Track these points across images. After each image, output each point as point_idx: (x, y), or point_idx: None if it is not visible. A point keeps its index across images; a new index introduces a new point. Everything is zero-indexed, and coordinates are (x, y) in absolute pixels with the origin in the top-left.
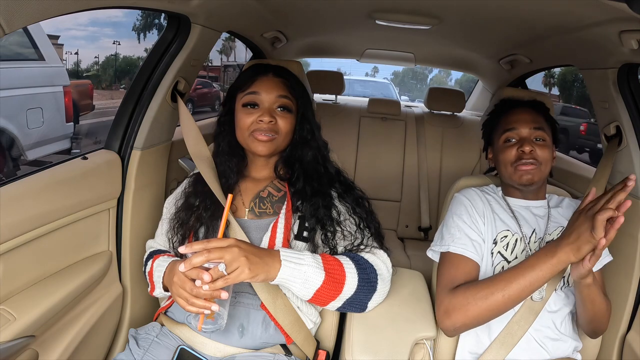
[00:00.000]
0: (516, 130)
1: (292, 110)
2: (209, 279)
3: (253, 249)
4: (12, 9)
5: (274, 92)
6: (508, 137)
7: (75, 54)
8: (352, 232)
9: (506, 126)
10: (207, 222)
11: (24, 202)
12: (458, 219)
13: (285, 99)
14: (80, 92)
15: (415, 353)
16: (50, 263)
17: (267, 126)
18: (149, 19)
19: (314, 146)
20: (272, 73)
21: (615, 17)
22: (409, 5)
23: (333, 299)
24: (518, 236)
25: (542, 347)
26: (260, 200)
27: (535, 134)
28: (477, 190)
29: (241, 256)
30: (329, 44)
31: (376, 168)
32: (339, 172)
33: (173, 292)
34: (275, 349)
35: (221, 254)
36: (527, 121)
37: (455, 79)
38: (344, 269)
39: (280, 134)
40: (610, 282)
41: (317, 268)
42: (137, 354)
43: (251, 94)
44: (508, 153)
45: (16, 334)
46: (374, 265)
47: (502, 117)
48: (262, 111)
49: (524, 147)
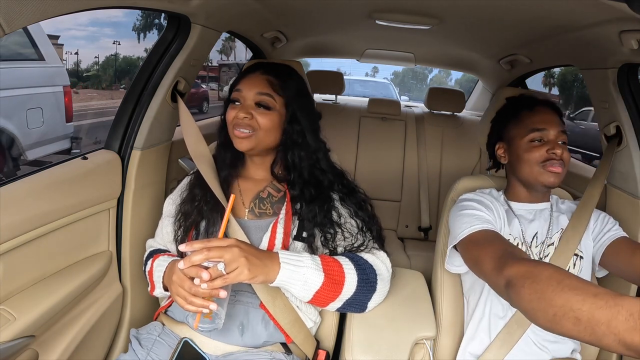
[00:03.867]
0: (546, 131)
1: (273, 107)
2: (208, 277)
3: (253, 251)
4: (12, 9)
5: (254, 89)
6: (535, 137)
7: (75, 54)
8: (353, 233)
9: (534, 125)
10: (207, 216)
11: (24, 202)
12: (467, 210)
13: (264, 96)
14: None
15: (415, 353)
16: (50, 263)
17: (242, 122)
18: (149, 19)
19: (305, 148)
20: (260, 70)
21: (616, 17)
22: (409, 5)
23: (332, 300)
24: (519, 241)
25: (541, 350)
26: (260, 200)
27: (561, 137)
28: (479, 193)
29: (241, 257)
30: (329, 44)
31: (376, 168)
32: (342, 175)
33: (172, 290)
34: (275, 347)
35: (221, 253)
36: (556, 123)
37: (455, 79)
38: (343, 270)
39: (260, 130)
40: (610, 282)
41: (316, 270)
42: (140, 354)
43: (236, 91)
44: (536, 153)
45: (16, 334)
46: (373, 265)
47: (526, 114)
48: (242, 107)
49: (555, 149)
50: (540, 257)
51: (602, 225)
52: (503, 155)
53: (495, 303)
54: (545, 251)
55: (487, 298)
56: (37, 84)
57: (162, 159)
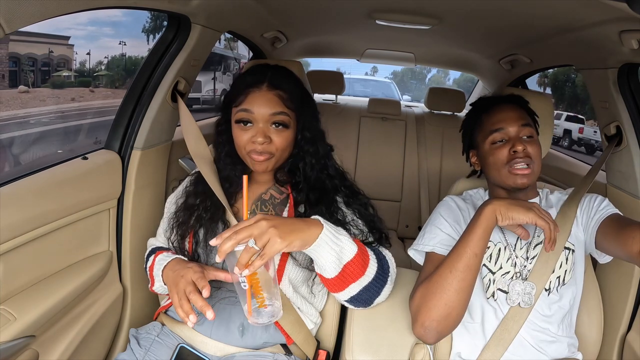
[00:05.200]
0: (504, 130)
1: (289, 125)
2: (216, 242)
3: (283, 220)
4: (12, 9)
5: (268, 108)
6: (496, 139)
7: (87, 54)
8: (364, 232)
9: (491, 127)
10: (206, 224)
11: (24, 202)
12: (435, 221)
13: (280, 116)
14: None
15: (415, 353)
16: (51, 263)
17: (261, 147)
18: (158, 21)
19: (316, 155)
20: (266, 84)
21: (616, 17)
22: (409, 5)
23: (354, 280)
24: (502, 245)
25: (539, 352)
26: (262, 202)
27: (524, 132)
28: (464, 199)
29: (269, 227)
30: (329, 44)
31: (376, 168)
32: (344, 177)
33: (171, 288)
34: (275, 348)
35: (249, 231)
36: (514, 119)
37: (453, 79)
38: (367, 251)
39: (277, 151)
40: (610, 282)
41: (351, 241)
42: (138, 354)
43: (244, 111)
44: (499, 154)
45: (16, 334)
46: (386, 257)
47: (484, 117)
48: (256, 130)
49: (516, 147)
50: (527, 258)
51: (589, 210)
52: (476, 163)
53: (487, 305)
54: (532, 252)
55: (483, 298)
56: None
57: (163, 159)
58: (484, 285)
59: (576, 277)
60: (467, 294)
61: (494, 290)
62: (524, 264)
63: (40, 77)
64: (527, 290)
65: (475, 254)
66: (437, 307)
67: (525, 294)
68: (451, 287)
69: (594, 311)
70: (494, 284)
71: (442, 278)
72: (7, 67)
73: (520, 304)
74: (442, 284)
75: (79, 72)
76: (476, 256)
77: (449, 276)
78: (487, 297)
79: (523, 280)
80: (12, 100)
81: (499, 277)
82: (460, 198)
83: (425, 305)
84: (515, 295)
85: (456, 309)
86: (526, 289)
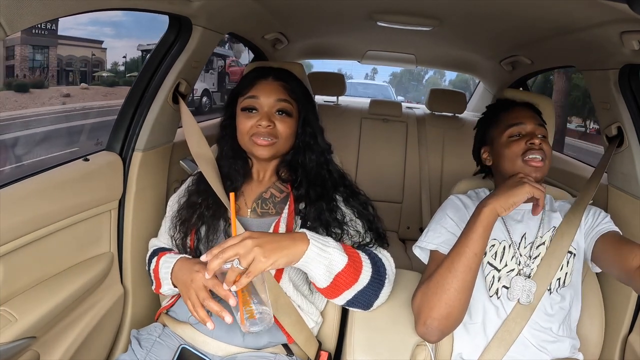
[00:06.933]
0: (523, 125)
1: (292, 113)
2: (210, 278)
3: (268, 237)
4: (14, 11)
5: (273, 95)
6: (513, 132)
7: (123, 57)
8: (360, 232)
9: (510, 121)
10: (208, 221)
11: (25, 203)
12: (441, 220)
13: (284, 103)
14: None
15: (416, 354)
16: (52, 264)
17: (265, 130)
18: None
19: (316, 150)
20: (272, 76)
21: (616, 18)
22: (410, 6)
23: (347, 288)
24: (506, 243)
25: (541, 351)
26: (262, 201)
27: (539, 130)
28: (469, 196)
29: (254, 246)
30: (330, 45)
31: (377, 169)
32: (343, 176)
33: (183, 293)
34: (277, 348)
35: (235, 250)
36: (531, 117)
37: (449, 80)
38: (360, 258)
39: (281, 137)
40: (611, 284)
41: (340, 251)
42: (139, 355)
43: (250, 98)
44: (515, 147)
45: (17, 335)
46: (383, 260)
47: (502, 114)
48: (260, 115)
49: (533, 140)
50: (530, 257)
51: (593, 220)
52: (488, 158)
53: (489, 303)
54: (535, 252)
55: (486, 297)
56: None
57: (164, 160)
58: (486, 283)
59: (575, 280)
60: (467, 293)
61: (498, 287)
62: (527, 263)
63: (79, 77)
64: (527, 288)
65: (474, 253)
66: (438, 306)
67: (525, 291)
68: (451, 287)
69: (596, 312)
70: (498, 282)
71: (442, 278)
72: (56, 67)
73: (520, 300)
74: (442, 283)
75: (114, 72)
76: (476, 256)
77: (449, 276)
78: (490, 296)
79: (525, 277)
80: (77, 95)
81: (504, 275)
82: (465, 196)
83: (426, 305)
84: (516, 290)
85: (457, 308)
86: (527, 286)
